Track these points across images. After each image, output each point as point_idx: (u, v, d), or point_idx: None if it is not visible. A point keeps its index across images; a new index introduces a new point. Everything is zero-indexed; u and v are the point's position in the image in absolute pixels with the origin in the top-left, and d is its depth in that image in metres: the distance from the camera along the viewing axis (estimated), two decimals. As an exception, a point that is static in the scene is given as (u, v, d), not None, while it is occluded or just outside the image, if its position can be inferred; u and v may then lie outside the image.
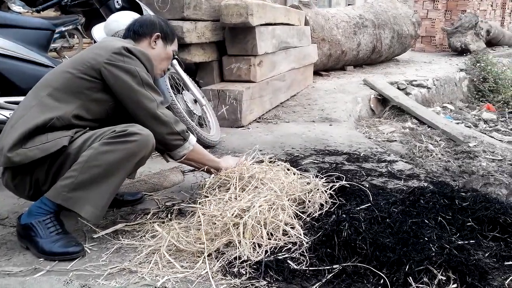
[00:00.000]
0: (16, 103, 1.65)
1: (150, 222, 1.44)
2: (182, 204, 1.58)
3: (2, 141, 1.27)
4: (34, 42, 1.85)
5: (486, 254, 1.21)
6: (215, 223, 1.32)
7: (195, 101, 2.48)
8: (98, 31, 1.99)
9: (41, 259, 1.22)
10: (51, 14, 3.52)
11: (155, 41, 1.48)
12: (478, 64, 5.76)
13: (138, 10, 2.14)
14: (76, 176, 1.23)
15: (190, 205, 1.53)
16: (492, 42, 8.15)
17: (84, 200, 1.24)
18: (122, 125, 1.30)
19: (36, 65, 1.80)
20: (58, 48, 3.92)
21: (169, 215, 1.50)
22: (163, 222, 1.43)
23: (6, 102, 1.67)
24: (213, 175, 1.63)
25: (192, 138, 1.47)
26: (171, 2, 2.72)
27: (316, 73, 5.04)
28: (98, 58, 1.32)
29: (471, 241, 1.24)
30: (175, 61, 2.43)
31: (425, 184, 1.74)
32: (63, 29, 3.09)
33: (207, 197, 1.48)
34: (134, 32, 1.47)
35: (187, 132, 1.43)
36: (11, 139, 1.24)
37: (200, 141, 2.35)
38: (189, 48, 2.83)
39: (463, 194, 1.51)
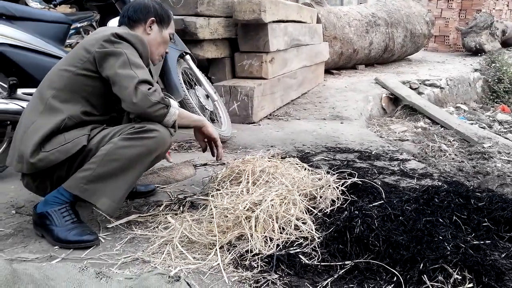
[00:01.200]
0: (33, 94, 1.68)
1: (163, 214, 1.45)
2: (194, 197, 1.59)
3: (21, 148, 1.28)
4: (51, 35, 1.87)
5: (503, 255, 1.18)
6: (227, 216, 1.32)
7: (207, 96, 2.50)
8: (113, 25, 2.01)
9: (56, 247, 1.25)
10: (67, 10, 3.56)
11: (150, 26, 1.44)
12: (493, 65, 5.65)
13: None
14: (94, 169, 1.25)
15: (202, 197, 1.54)
16: (507, 43, 7.98)
17: (101, 192, 1.26)
18: (141, 122, 1.32)
19: (53, 57, 1.83)
20: (73, 44, 3.97)
21: (181, 207, 1.51)
22: (176, 214, 1.44)
23: (23, 93, 1.70)
24: (224, 168, 1.64)
25: (173, 102, 1.37)
26: (185, -3, 2.74)
27: (327, 71, 5.01)
28: (91, 49, 1.31)
29: (487, 241, 1.22)
30: (188, 57, 2.45)
31: (439, 183, 1.72)
32: (79, 25, 3.12)
33: (219, 190, 1.49)
34: (129, 18, 1.43)
35: (166, 98, 1.34)
36: (29, 145, 1.26)
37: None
38: (202, 44, 2.84)
39: (479, 194, 1.48)
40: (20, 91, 1.69)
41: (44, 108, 1.30)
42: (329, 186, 1.55)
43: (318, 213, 1.42)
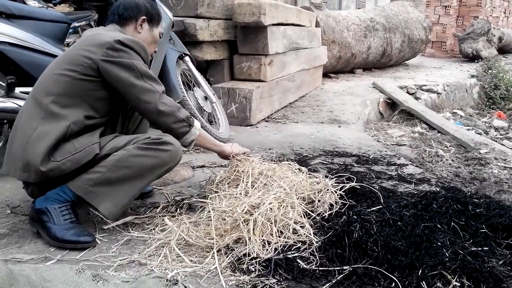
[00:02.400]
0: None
1: (160, 216, 1.44)
2: (192, 199, 1.58)
3: (25, 157, 1.25)
4: (51, 34, 1.86)
5: (500, 262, 1.19)
6: (225, 219, 1.31)
7: (206, 98, 2.49)
8: None
9: (52, 248, 1.23)
10: (66, 9, 3.55)
11: (141, 25, 1.43)
12: (489, 71, 5.71)
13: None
14: (103, 172, 1.26)
15: (199, 200, 1.53)
16: (504, 49, 8.06)
17: (106, 196, 1.26)
18: (156, 134, 1.33)
19: (52, 57, 1.81)
20: (70, 43, 3.95)
21: (178, 209, 1.50)
22: (173, 216, 1.43)
23: (21, 92, 1.69)
24: (222, 170, 1.63)
25: (197, 123, 1.44)
26: (185, -1, 2.73)
27: (325, 75, 5.02)
28: (93, 56, 1.28)
29: (485, 248, 1.22)
30: (187, 58, 2.44)
31: (437, 189, 1.73)
32: (77, 24, 3.11)
33: (217, 192, 1.48)
34: (119, 16, 1.42)
35: (191, 117, 1.41)
36: (37, 154, 1.23)
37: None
38: (201, 45, 2.84)
39: (476, 200, 1.49)
40: (18, 90, 1.68)
41: (45, 115, 1.27)
42: (327, 190, 1.55)
43: (316, 217, 1.41)
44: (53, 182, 1.29)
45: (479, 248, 1.22)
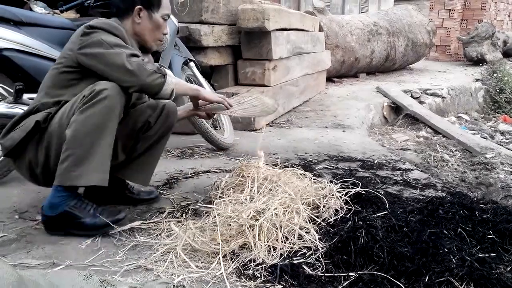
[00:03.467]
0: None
1: (166, 221, 1.44)
2: (197, 204, 1.59)
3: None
4: (57, 41, 1.88)
5: (508, 268, 1.17)
6: (230, 225, 1.32)
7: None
8: None
9: (59, 256, 1.24)
10: (71, 16, 3.59)
11: (138, 15, 1.39)
12: (494, 75, 5.68)
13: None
14: (72, 154, 1.26)
15: (205, 205, 1.53)
16: (509, 53, 8.03)
17: (89, 171, 1.26)
18: (88, 87, 1.30)
19: (59, 63, 1.84)
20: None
21: (184, 215, 1.51)
22: (179, 222, 1.44)
23: (29, 98, 1.71)
24: (227, 176, 1.64)
25: (169, 72, 1.40)
26: (190, 5, 2.76)
27: (329, 79, 5.03)
28: (73, 47, 1.34)
29: (492, 254, 1.21)
30: (192, 64, 2.46)
31: (443, 194, 1.72)
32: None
33: (222, 198, 1.49)
34: (118, 9, 1.41)
35: (161, 67, 1.36)
36: (4, 130, 1.36)
37: (215, 143, 2.37)
38: (205, 51, 2.86)
39: (483, 205, 1.48)
40: (26, 96, 1.70)
41: (35, 105, 1.38)
42: (333, 195, 1.55)
43: (322, 223, 1.41)
44: (19, 157, 1.36)
45: (487, 255, 1.21)
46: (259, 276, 1.14)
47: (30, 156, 1.34)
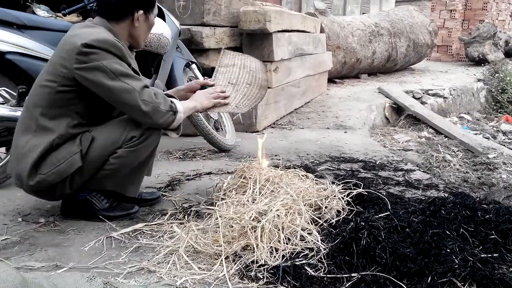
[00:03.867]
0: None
1: (168, 223, 1.45)
2: (199, 206, 1.59)
3: (18, 167, 1.35)
4: (60, 44, 1.90)
5: (511, 269, 1.17)
6: (233, 226, 1.32)
7: (212, 105, 2.51)
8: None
9: (62, 259, 1.25)
10: (74, 19, 3.61)
11: (137, 19, 1.38)
12: (496, 75, 5.67)
13: (161, 15, 2.18)
14: (113, 175, 1.39)
15: (207, 207, 1.54)
16: (510, 53, 7.99)
17: (127, 183, 1.45)
18: (134, 126, 1.36)
19: (61, 66, 1.85)
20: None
21: (186, 216, 1.51)
22: (181, 223, 1.44)
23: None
24: (229, 177, 1.65)
25: (178, 104, 1.40)
26: (191, 8, 2.77)
27: (330, 80, 5.03)
28: (67, 65, 1.28)
29: (495, 255, 1.21)
30: (194, 66, 2.47)
31: (445, 195, 1.72)
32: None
33: (224, 199, 1.49)
34: (114, 12, 1.35)
35: (173, 103, 1.38)
36: (25, 167, 1.32)
37: (216, 145, 2.37)
38: (207, 53, 2.87)
39: (485, 206, 1.48)
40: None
41: (36, 127, 1.33)
42: (334, 196, 1.55)
43: (324, 224, 1.41)
44: (48, 192, 1.39)
45: (489, 255, 1.20)
46: (261, 277, 1.14)
47: (63, 188, 1.37)
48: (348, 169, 2.15)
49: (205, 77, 2.14)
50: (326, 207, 1.49)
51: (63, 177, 1.33)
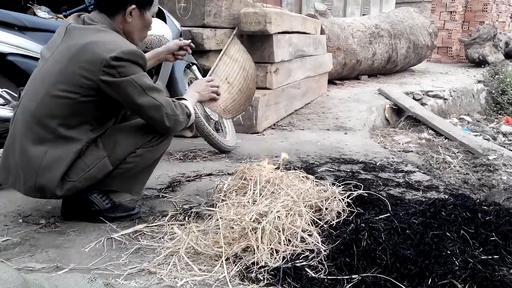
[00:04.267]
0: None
1: (168, 224, 1.45)
2: (200, 207, 1.59)
3: (39, 180, 1.29)
4: (61, 46, 1.90)
5: (511, 270, 1.17)
6: (233, 227, 1.32)
7: (213, 106, 2.51)
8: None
9: (63, 260, 1.25)
10: (75, 19, 3.59)
11: (130, 14, 1.35)
12: (496, 76, 5.67)
13: (162, 16, 2.19)
14: (125, 173, 1.41)
15: (208, 208, 1.54)
16: (510, 54, 8.00)
17: (133, 183, 1.46)
18: (151, 130, 1.42)
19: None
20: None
21: (187, 218, 1.51)
22: (182, 225, 1.45)
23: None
24: (230, 179, 1.65)
25: (190, 106, 1.48)
26: (192, 9, 2.78)
27: (331, 81, 5.04)
28: (92, 77, 1.26)
29: (495, 257, 1.21)
30: (194, 67, 2.48)
31: (445, 196, 1.72)
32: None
33: (225, 200, 1.49)
34: (108, 5, 1.33)
35: (186, 107, 1.46)
36: (53, 179, 1.30)
37: (217, 146, 2.37)
38: (208, 54, 2.88)
39: (486, 207, 1.48)
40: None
41: (54, 137, 1.30)
42: (335, 198, 1.55)
43: (324, 225, 1.41)
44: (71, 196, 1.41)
45: (489, 257, 1.21)
46: (262, 279, 1.14)
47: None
48: (349, 170, 2.15)
49: (181, 38, 2.18)
50: (326, 209, 1.49)
51: (93, 182, 1.36)
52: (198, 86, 1.62)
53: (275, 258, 1.23)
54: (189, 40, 1.77)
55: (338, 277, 1.14)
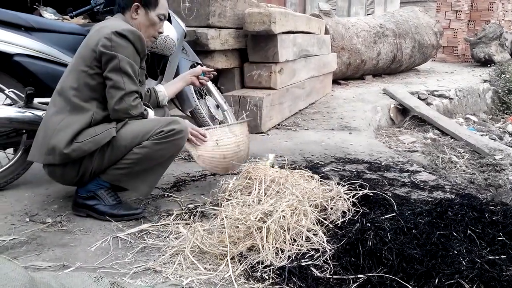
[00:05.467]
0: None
1: (174, 224, 1.46)
2: (205, 207, 1.60)
3: (52, 142, 1.42)
4: (67, 46, 1.91)
5: (519, 270, 1.16)
6: (238, 227, 1.32)
7: (217, 106, 2.52)
8: None
9: (69, 259, 1.26)
10: (81, 21, 3.66)
11: (136, 11, 1.52)
12: (503, 76, 5.62)
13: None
14: (132, 167, 1.45)
15: (213, 207, 1.54)
16: (517, 54, 7.93)
17: (139, 181, 1.48)
18: (165, 122, 1.46)
19: (68, 68, 1.86)
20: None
21: (192, 217, 1.52)
22: (187, 224, 1.45)
23: (40, 103, 1.74)
24: (235, 178, 1.65)
25: (151, 114, 1.54)
26: (197, 10, 2.79)
27: (335, 81, 5.02)
28: (95, 48, 1.42)
29: (503, 256, 1.20)
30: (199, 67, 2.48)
31: (451, 196, 1.70)
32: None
33: (229, 200, 1.49)
34: (119, 6, 1.54)
35: (145, 111, 1.50)
36: (62, 139, 1.41)
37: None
38: (212, 54, 2.88)
39: (493, 207, 1.46)
40: (36, 101, 1.73)
41: (71, 108, 1.44)
42: (340, 197, 1.54)
43: (329, 225, 1.41)
44: (74, 166, 1.45)
45: (497, 257, 1.19)
46: (267, 278, 1.14)
47: (88, 165, 1.45)
48: (354, 170, 2.14)
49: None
50: (331, 208, 1.49)
51: (97, 147, 1.41)
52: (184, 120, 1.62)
53: (280, 257, 1.23)
54: (212, 69, 1.93)
55: (344, 277, 1.14)
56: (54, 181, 1.55)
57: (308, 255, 1.25)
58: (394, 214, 1.42)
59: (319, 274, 1.16)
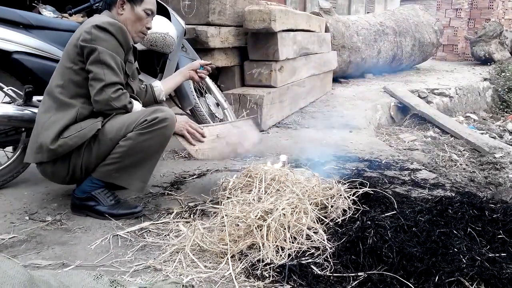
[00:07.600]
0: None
1: (174, 222, 1.45)
2: (205, 205, 1.59)
3: (38, 140, 1.43)
4: (66, 44, 1.91)
5: (519, 268, 1.16)
6: (238, 225, 1.32)
7: (217, 104, 2.51)
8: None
9: (68, 258, 1.26)
10: (79, 19, 3.62)
11: (121, 7, 1.52)
12: (503, 74, 5.62)
13: (166, 14, 2.19)
14: (120, 161, 1.42)
15: (213, 206, 1.54)
16: (517, 52, 7.91)
17: (132, 176, 1.45)
18: (150, 111, 1.43)
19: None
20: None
21: (192, 215, 1.51)
22: (187, 222, 1.45)
23: (38, 100, 1.73)
24: (235, 176, 1.65)
25: (137, 106, 1.51)
26: (196, 7, 2.78)
27: (335, 80, 5.01)
28: (76, 42, 1.43)
29: (503, 254, 1.20)
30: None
31: (452, 194, 1.70)
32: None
33: (230, 198, 1.49)
34: (105, 2, 1.55)
35: (130, 103, 1.48)
36: (48, 136, 1.41)
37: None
38: (212, 52, 2.88)
39: (493, 205, 1.46)
40: (35, 98, 1.72)
41: (57, 105, 1.44)
42: (340, 195, 1.54)
43: (330, 223, 1.41)
44: (63, 162, 1.44)
45: (497, 254, 1.19)
46: (267, 276, 1.14)
47: (77, 161, 1.44)
48: (354, 168, 2.14)
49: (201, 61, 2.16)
50: (332, 206, 1.48)
51: (83, 140, 1.40)
52: (179, 117, 1.57)
53: (281, 255, 1.22)
54: (210, 62, 1.91)
55: (344, 275, 1.14)
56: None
57: (309, 253, 1.25)
58: (395, 212, 1.42)
59: (319, 272, 1.15)
